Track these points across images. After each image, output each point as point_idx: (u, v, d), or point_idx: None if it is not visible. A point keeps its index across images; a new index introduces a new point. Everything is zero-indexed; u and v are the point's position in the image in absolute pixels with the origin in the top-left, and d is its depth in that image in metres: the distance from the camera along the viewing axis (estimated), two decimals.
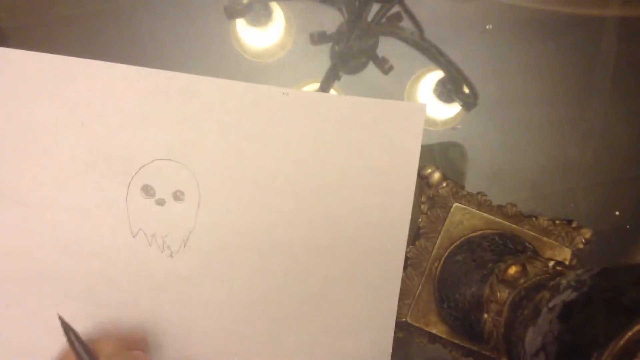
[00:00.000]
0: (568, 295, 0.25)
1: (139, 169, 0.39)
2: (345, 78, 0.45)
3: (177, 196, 0.40)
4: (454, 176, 0.45)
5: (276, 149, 0.41)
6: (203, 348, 0.41)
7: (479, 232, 0.43)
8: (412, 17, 0.44)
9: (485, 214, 0.43)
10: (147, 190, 0.40)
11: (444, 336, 0.43)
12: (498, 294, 0.33)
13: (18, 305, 0.39)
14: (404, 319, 0.43)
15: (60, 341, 0.34)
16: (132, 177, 0.39)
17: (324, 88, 0.44)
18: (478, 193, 0.44)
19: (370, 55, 0.44)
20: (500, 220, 0.43)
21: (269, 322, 0.41)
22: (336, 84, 0.45)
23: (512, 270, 0.34)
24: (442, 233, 0.43)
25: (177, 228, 0.40)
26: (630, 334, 0.20)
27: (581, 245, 0.43)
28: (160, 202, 0.40)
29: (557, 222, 0.43)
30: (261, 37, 0.45)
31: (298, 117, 0.41)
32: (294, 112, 0.41)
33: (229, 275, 0.40)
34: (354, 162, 0.41)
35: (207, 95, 0.40)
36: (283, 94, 0.40)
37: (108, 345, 0.35)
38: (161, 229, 0.40)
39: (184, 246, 0.40)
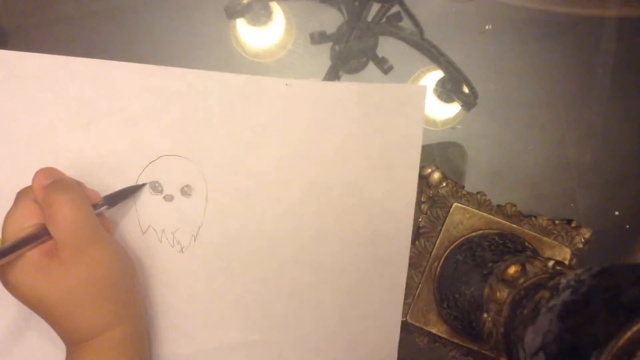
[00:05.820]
0: (567, 294, 0.25)
1: (146, 166, 0.40)
2: (345, 78, 0.45)
3: (185, 191, 0.40)
4: (454, 176, 0.45)
5: (280, 140, 0.41)
6: (217, 341, 0.41)
7: (479, 232, 0.43)
8: (412, 17, 0.44)
9: (485, 214, 0.43)
10: (155, 187, 0.40)
11: (444, 336, 0.43)
12: (498, 294, 0.33)
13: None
14: (404, 319, 0.43)
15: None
16: (140, 174, 0.40)
17: None
18: (478, 193, 0.44)
19: (370, 55, 0.44)
20: (500, 220, 0.43)
21: (282, 313, 0.41)
22: None
23: (512, 269, 0.34)
24: (442, 233, 0.43)
25: (187, 223, 0.40)
26: (629, 333, 0.20)
27: (580, 245, 0.43)
28: (169, 198, 0.40)
29: (557, 221, 0.44)
30: (261, 37, 0.45)
31: (300, 107, 0.41)
32: (296, 102, 0.41)
33: (240, 267, 0.41)
34: (357, 149, 0.41)
35: (209, 89, 0.40)
36: (286, 85, 0.41)
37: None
38: (171, 225, 0.40)
39: (194, 241, 0.40)
